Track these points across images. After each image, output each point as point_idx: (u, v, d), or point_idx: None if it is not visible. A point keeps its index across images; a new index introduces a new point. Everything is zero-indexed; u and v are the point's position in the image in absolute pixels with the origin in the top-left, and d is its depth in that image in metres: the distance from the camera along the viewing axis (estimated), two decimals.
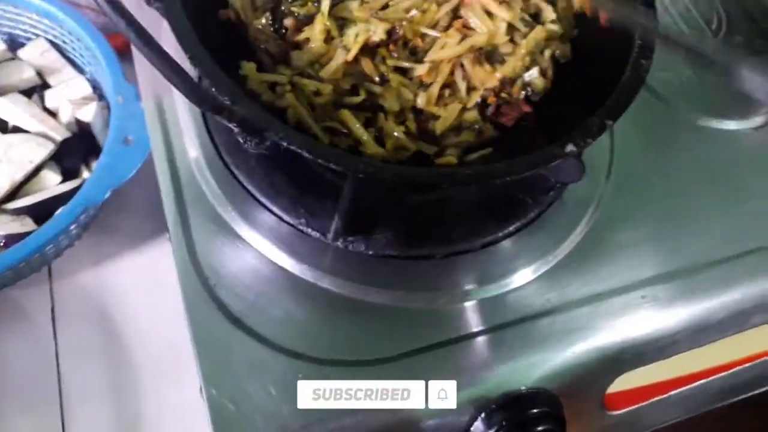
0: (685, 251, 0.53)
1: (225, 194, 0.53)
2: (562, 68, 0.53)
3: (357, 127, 0.48)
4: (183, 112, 0.58)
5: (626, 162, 0.56)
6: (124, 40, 0.72)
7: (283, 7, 0.51)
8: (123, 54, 0.70)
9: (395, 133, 0.48)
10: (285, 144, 0.39)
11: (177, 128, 0.57)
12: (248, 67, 0.49)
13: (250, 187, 0.52)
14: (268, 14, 0.51)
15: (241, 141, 0.40)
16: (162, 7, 0.44)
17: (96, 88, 0.73)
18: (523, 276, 0.50)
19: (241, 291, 0.48)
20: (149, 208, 0.69)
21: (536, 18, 0.53)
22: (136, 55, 0.63)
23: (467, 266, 0.50)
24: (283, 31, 0.51)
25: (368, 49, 0.50)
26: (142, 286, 0.69)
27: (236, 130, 0.38)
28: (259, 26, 0.50)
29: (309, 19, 0.50)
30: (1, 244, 0.60)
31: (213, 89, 0.40)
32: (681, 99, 0.61)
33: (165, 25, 0.43)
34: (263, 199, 0.52)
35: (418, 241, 0.49)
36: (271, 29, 0.50)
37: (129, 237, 0.70)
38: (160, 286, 0.68)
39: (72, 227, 0.58)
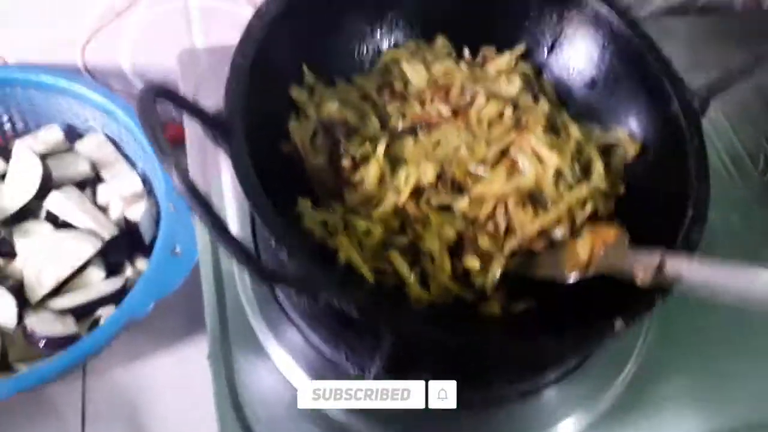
0: (726, 410, 0.52)
1: (266, 319, 0.53)
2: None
3: (404, 270, 0.48)
4: (233, 224, 0.59)
5: (668, 313, 0.55)
6: (179, 131, 0.75)
7: (341, 148, 0.52)
8: (176, 144, 0.71)
9: (439, 277, 0.49)
10: (337, 304, 0.39)
11: None
12: (304, 205, 0.49)
13: (291, 315, 0.53)
14: (325, 153, 0.52)
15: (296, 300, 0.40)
16: (228, 148, 0.45)
17: (146, 182, 0.75)
18: (565, 428, 0.49)
19: (275, 424, 0.48)
20: (186, 305, 0.69)
21: (586, 169, 0.53)
22: (190, 152, 0.65)
23: (507, 417, 0.49)
24: (340, 168, 0.52)
25: (416, 190, 0.51)
26: (174, 386, 0.69)
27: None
28: (317, 164, 0.51)
29: (365, 158, 0.51)
30: (42, 344, 0.61)
31: (270, 237, 0.40)
32: (723, 244, 0.60)
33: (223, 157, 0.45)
34: (304, 328, 0.52)
35: (457, 389, 0.49)
36: (328, 167, 0.51)
37: (164, 334, 0.71)
38: (191, 386, 0.68)
39: None
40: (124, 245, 0.70)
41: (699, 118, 0.49)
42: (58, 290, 0.66)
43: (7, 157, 0.73)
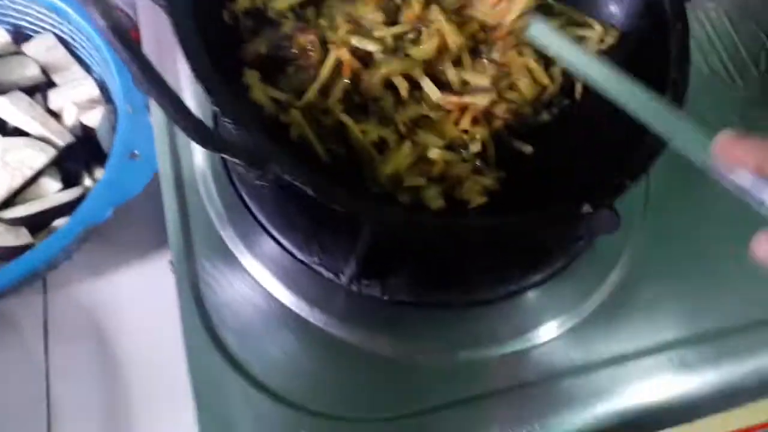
0: (716, 312, 0.50)
1: (232, 223, 0.50)
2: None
3: (367, 144, 0.44)
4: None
5: (661, 210, 0.53)
6: (134, 35, 0.68)
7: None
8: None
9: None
10: (289, 179, 0.35)
11: (187, 145, 0.54)
12: (251, 76, 0.45)
13: (260, 217, 0.49)
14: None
15: (245, 171, 0.36)
16: (168, 7, 0.39)
17: (103, 89, 0.70)
18: (547, 331, 0.47)
19: (244, 332, 0.46)
20: (152, 219, 0.65)
21: None
22: (145, 51, 0.59)
23: (488, 318, 0.47)
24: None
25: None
26: (139, 302, 0.66)
27: (240, 164, 0.35)
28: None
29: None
30: None
31: (216, 108, 0.36)
32: None
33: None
34: (273, 231, 0.49)
35: (436, 287, 0.46)
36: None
37: (129, 248, 0.67)
38: (158, 302, 0.64)
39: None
40: (80, 154, 0.66)
41: (683, 2, 0.45)
42: (11, 201, 0.62)
43: None
